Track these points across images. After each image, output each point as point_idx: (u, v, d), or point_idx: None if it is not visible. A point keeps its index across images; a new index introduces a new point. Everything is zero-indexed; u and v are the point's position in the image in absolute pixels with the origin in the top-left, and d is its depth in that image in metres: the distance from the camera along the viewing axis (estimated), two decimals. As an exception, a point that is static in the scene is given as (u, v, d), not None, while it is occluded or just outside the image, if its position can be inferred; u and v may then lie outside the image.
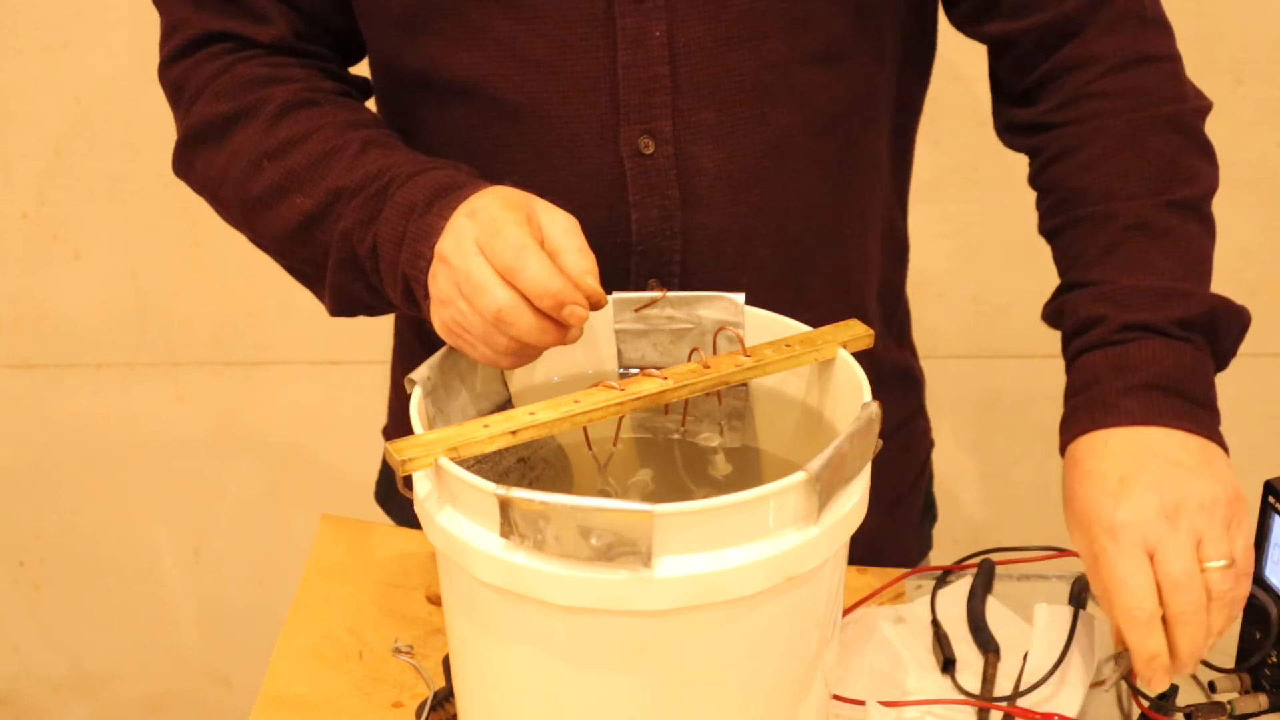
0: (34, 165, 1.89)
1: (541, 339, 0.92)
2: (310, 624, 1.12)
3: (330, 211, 1.02)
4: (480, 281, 0.91)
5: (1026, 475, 2.09)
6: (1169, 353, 1.01)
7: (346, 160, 1.03)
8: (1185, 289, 1.03)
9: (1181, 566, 0.93)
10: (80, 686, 2.22)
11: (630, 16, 1.03)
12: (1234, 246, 1.93)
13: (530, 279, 0.90)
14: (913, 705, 1.03)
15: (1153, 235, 1.04)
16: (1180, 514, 0.94)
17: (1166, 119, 1.08)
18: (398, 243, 0.98)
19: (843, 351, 0.97)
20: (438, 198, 0.97)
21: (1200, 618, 0.93)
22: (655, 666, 0.84)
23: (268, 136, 1.06)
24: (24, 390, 2.02)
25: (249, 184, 1.06)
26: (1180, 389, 1.00)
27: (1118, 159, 1.07)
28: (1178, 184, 1.06)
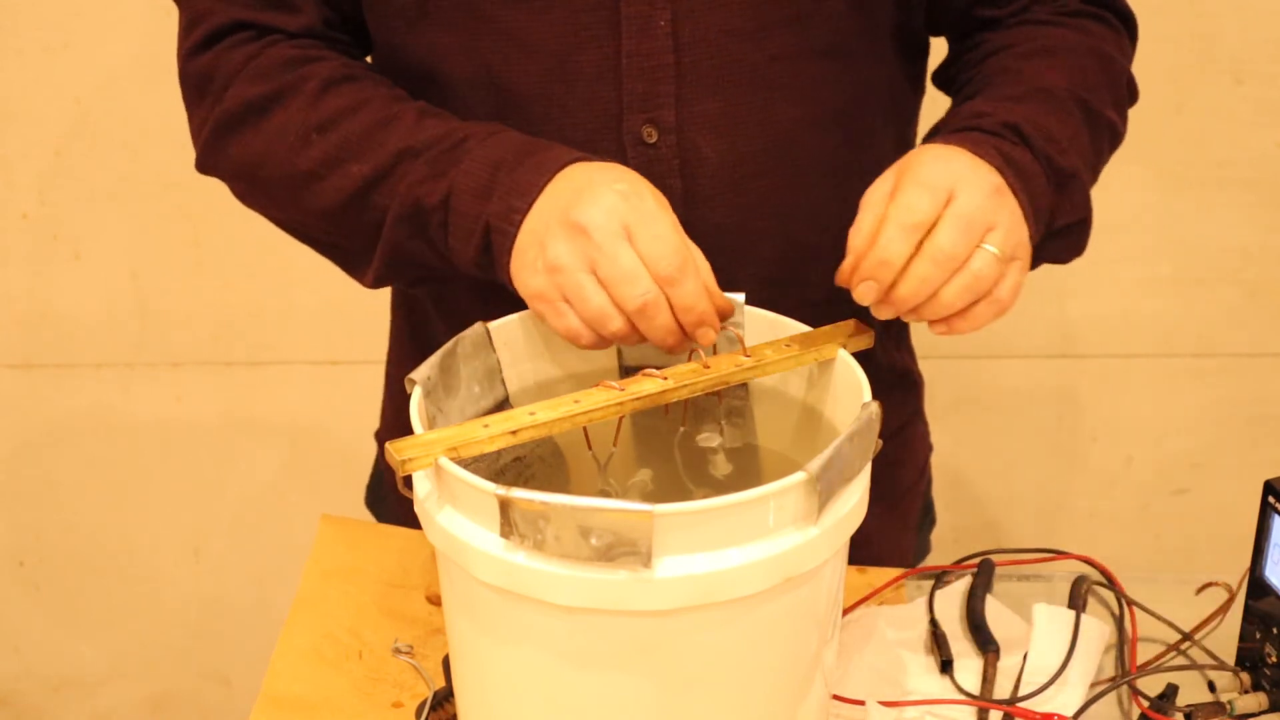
0: (34, 165, 1.89)
1: (665, 341, 0.93)
2: (310, 624, 1.12)
3: (393, 172, 1.02)
4: (631, 270, 0.91)
5: (1026, 475, 2.09)
6: (1030, 161, 1.02)
7: (406, 125, 1.03)
8: (1063, 144, 1.04)
9: (965, 218, 0.93)
10: (80, 686, 2.22)
11: (635, 5, 1.04)
12: (1234, 246, 1.94)
13: (686, 293, 0.91)
14: (912, 705, 1.03)
15: (1057, 105, 1.07)
16: (999, 195, 0.95)
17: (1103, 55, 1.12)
18: (483, 194, 0.98)
19: (843, 351, 0.97)
20: (528, 154, 0.98)
21: (941, 268, 0.93)
22: (655, 666, 0.84)
23: (313, 111, 1.05)
24: (24, 390, 2.02)
25: (297, 159, 1.05)
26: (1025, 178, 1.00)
27: (1049, 58, 1.10)
28: (1096, 99, 1.09)
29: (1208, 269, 1.95)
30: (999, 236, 0.94)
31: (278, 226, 1.12)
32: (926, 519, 1.39)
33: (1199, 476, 2.08)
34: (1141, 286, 1.96)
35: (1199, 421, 2.04)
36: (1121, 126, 1.15)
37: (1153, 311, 1.98)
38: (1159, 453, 2.07)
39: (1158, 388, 2.02)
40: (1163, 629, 1.11)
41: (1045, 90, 1.08)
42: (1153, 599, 1.12)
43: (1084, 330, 1.99)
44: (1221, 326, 1.99)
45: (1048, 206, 1.03)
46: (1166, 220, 1.92)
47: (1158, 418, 2.05)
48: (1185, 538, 2.11)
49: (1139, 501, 2.10)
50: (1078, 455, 2.08)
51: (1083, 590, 1.13)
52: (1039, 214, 1.01)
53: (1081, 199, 1.07)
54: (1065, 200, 1.05)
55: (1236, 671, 1.05)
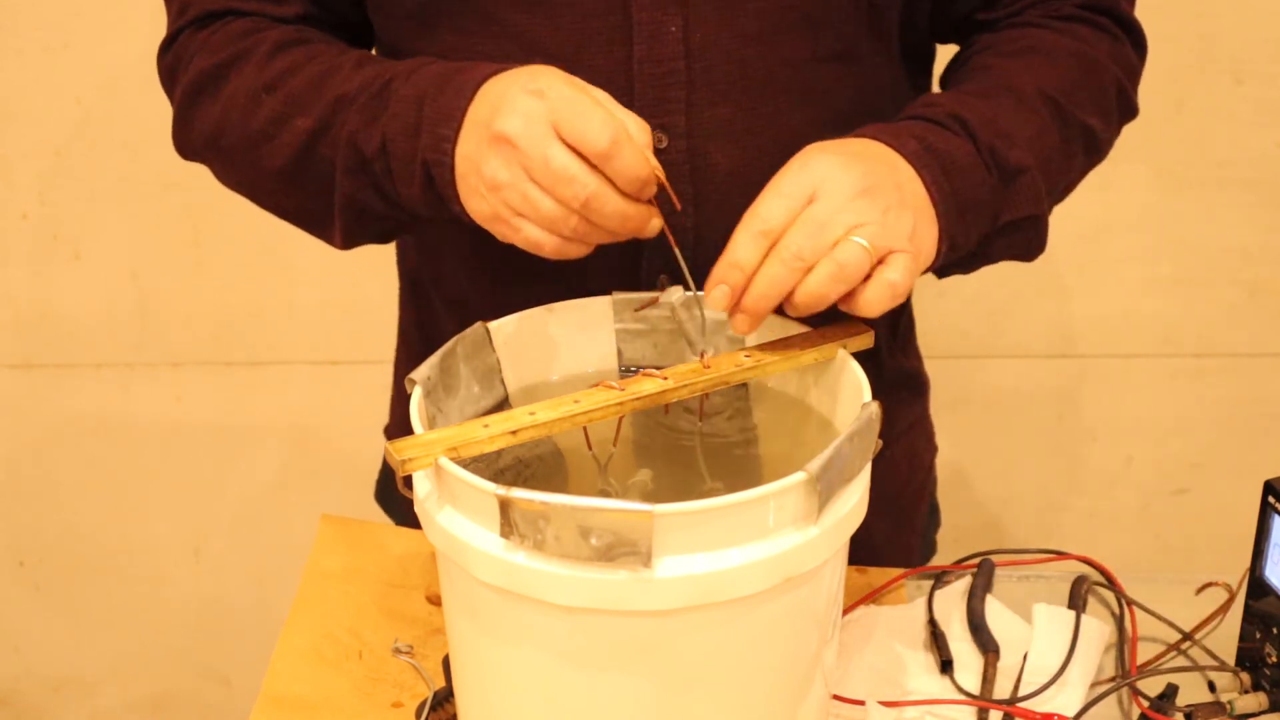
0: (34, 165, 1.89)
1: (624, 226, 0.92)
2: (310, 624, 1.12)
3: (333, 122, 1.01)
4: (564, 168, 0.90)
5: (1026, 475, 2.09)
6: (965, 151, 1.01)
7: (344, 74, 1.03)
8: (1016, 139, 1.03)
9: (817, 221, 0.91)
10: (80, 686, 2.22)
11: (647, 11, 1.04)
12: (1234, 246, 1.94)
13: (626, 165, 0.90)
14: (912, 705, 1.03)
15: (1020, 103, 1.06)
16: (868, 195, 0.93)
17: (1088, 58, 1.11)
18: (412, 133, 0.97)
19: (843, 351, 0.97)
20: (447, 81, 0.97)
21: (787, 267, 0.91)
22: (655, 666, 0.84)
23: (263, 72, 1.05)
24: (24, 390, 2.02)
25: (249, 120, 1.05)
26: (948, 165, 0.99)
27: (1029, 58, 1.09)
28: (1072, 102, 1.08)
29: (1208, 269, 1.95)
30: (868, 232, 0.92)
31: (254, 202, 1.12)
32: (932, 520, 1.39)
33: (1199, 476, 2.08)
34: (1141, 286, 1.96)
35: (1199, 421, 2.04)
36: (1104, 134, 1.13)
37: (1153, 311, 1.98)
38: (1159, 453, 2.07)
39: (1158, 388, 2.02)
40: (1163, 629, 1.11)
41: (1011, 88, 1.07)
42: (1153, 599, 1.12)
43: (1084, 330, 1.99)
44: (1221, 326, 1.99)
45: (988, 200, 1.02)
46: (1166, 220, 1.92)
47: (1158, 418, 2.05)
48: (1185, 538, 2.11)
49: (1139, 501, 2.10)
50: (1078, 455, 2.08)
51: (1083, 590, 1.13)
52: (967, 205, 1.00)
53: (1031, 195, 1.04)
54: (1012, 195, 1.03)
55: (1236, 671, 1.05)
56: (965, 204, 1.00)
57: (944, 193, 0.99)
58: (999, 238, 1.05)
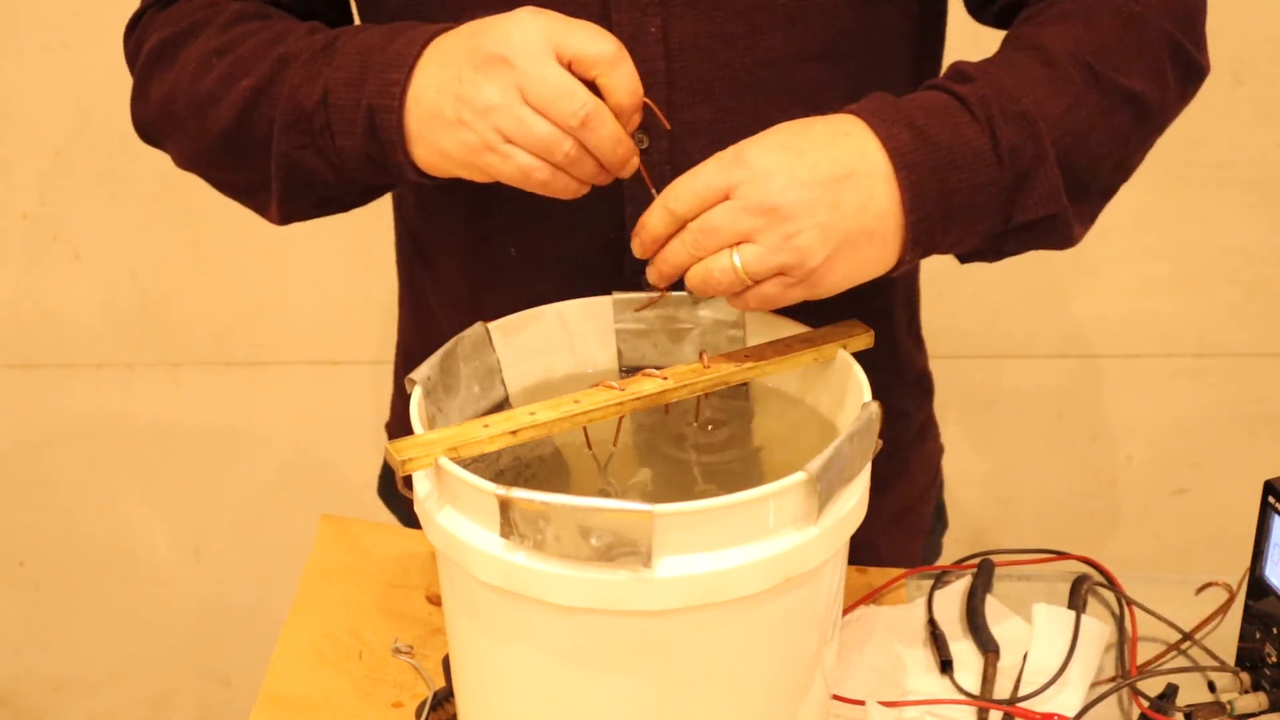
0: (34, 165, 1.89)
1: (615, 152, 0.92)
2: (310, 624, 1.12)
3: (275, 80, 1.00)
4: (564, 81, 0.89)
5: (1026, 475, 2.09)
6: (975, 143, 0.95)
7: (294, 38, 1.02)
8: (1033, 117, 0.96)
9: (724, 222, 0.90)
10: (80, 686, 2.22)
11: (625, 12, 1.03)
12: (1234, 246, 1.94)
13: (626, 77, 0.90)
14: (912, 705, 1.03)
15: (1048, 67, 0.99)
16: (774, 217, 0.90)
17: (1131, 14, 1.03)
18: (356, 82, 0.96)
19: (843, 351, 0.97)
20: (395, 36, 0.96)
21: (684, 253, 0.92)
22: (655, 666, 0.84)
23: (217, 39, 1.05)
24: (24, 390, 2.02)
25: (198, 84, 1.04)
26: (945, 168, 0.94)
27: (1065, 24, 1.02)
28: (1112, 64, 1.01)
29: (1208, 269, 1.95)
30: (751, 251, 0.90)
31: (203, 178, 1.12)
32: (939, 522, 1.39)
33: (1199, 476, 2.08)
34: (1141, 286, 1.96)
35: (1199, 421, 2.04)
36: (1155, 95, 1.03)
37: (1153, 311, 1.98)
38: (1159, 453, 2.07)
39: (1158, 388, 2.02)
40: (1163, 629, 1.11)
41: (1045, 54, 0.99)
42: (1153, 599, 1.12)
43: (1084, 330, 1.99)
44: (1221, 326, 1.99)
45: (993, 201, 0.96)
46: (1166, 220, 1.92)
47: (1158, 418, 2.05)
48: (1185, 538, 2.12)
49: (1139, 501, 2.10)
50: (1078, 455, 2.08)
51: (1083, 590, 1.13)
52: (963, 208, 0.95)
53: (1047, 193, 0.97)
54: (1026, 194, 0.97)
55: (1236, 672, 1.05)
56: (958, 206, 0.94)
57: (922, 197, 0.93)
58: (1012, 236, 0.99)
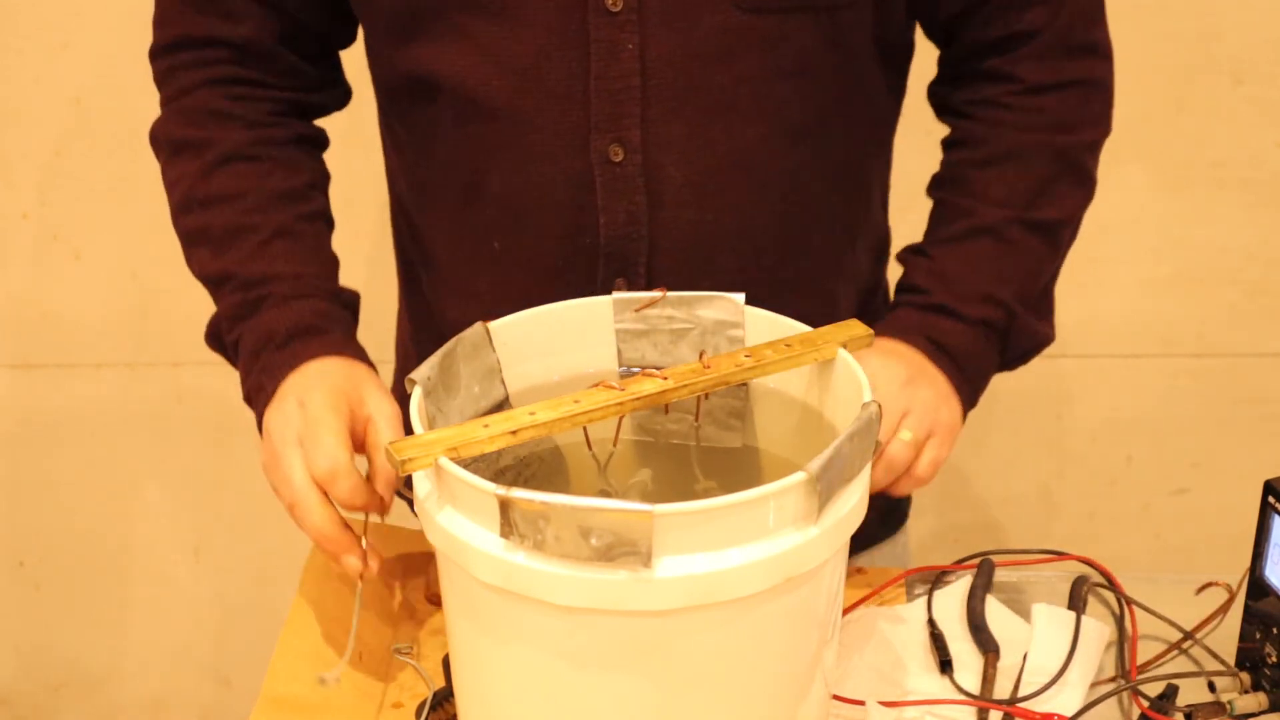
0: (34, 165, 1.89)
1: (320, 540, 1.00)
2: (310, 624, 1.11)
3: (220, 286, 1.14)
4: (285, 475, 1.00)
5: (1026, 475, 2.09)
6: (963, 333, 1.16)
7: (249, 248, 1.12)
8: (1000, 298, 1.16)
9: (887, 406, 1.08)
10: (80, 686, 2.22)
11: (603, 30, 1.05)
12: (1234, 246, 1.93)
13: (341, 491, 0.99)
14: (912, 705, 1.03)
15: (996, 242, 1.16)
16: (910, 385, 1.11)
17: (1055, 148, 1.17)
18: (249, 366, 1.10)
19: (843, 351, 0.97)
20: (294, 338, 1.08)
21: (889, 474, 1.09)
22: (655, 666, 0.84)
23: (201, 183, 1.15)
24: (24, 390, 2.02)
25: (179, 217, 1.17)
26: (956, 355, 1.16)
27: (1000, 167, 1.17)
28: (1042, 205, 1.17)
29: (1208, 269, 1.95)
30: (911, 421, 1.10)
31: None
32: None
33: (1199, 476, 2.08)
34: (1141, 286, 1.96)
35: (1199, 421, 2.04)
36: (1084, 204, 1.21)
37: (1153, 311, 1.98)
38: (1159, 453, 2.07)
39: (1158, 388, 2.02)
40: (1163, 629, 1.11)
41: (985, 228, 1.16)
42: (1153, 599, 1.12)
43: (1084, 330, 1.99)
44: (1221, 326, 1.99)
45: (992, 360, 1.18)
46: (1166, 220, 1.92)
47: (1158, 418, 2.04)
48: (1185, 538, 2.11)
49: (1139, 501, 2.10)
50: (1078, 455, 2.08)
51: (1083, 590, 1.13)
52: (978, 376, 1.18)
53: (1025, 335, 1.19)
54: (1011, 346, 1.19)
55: (1236, 672, 1.05)
56: (974, 375, 1.17)
57: (959, 378, 1.15)
58: (1006, 366, 1.22)
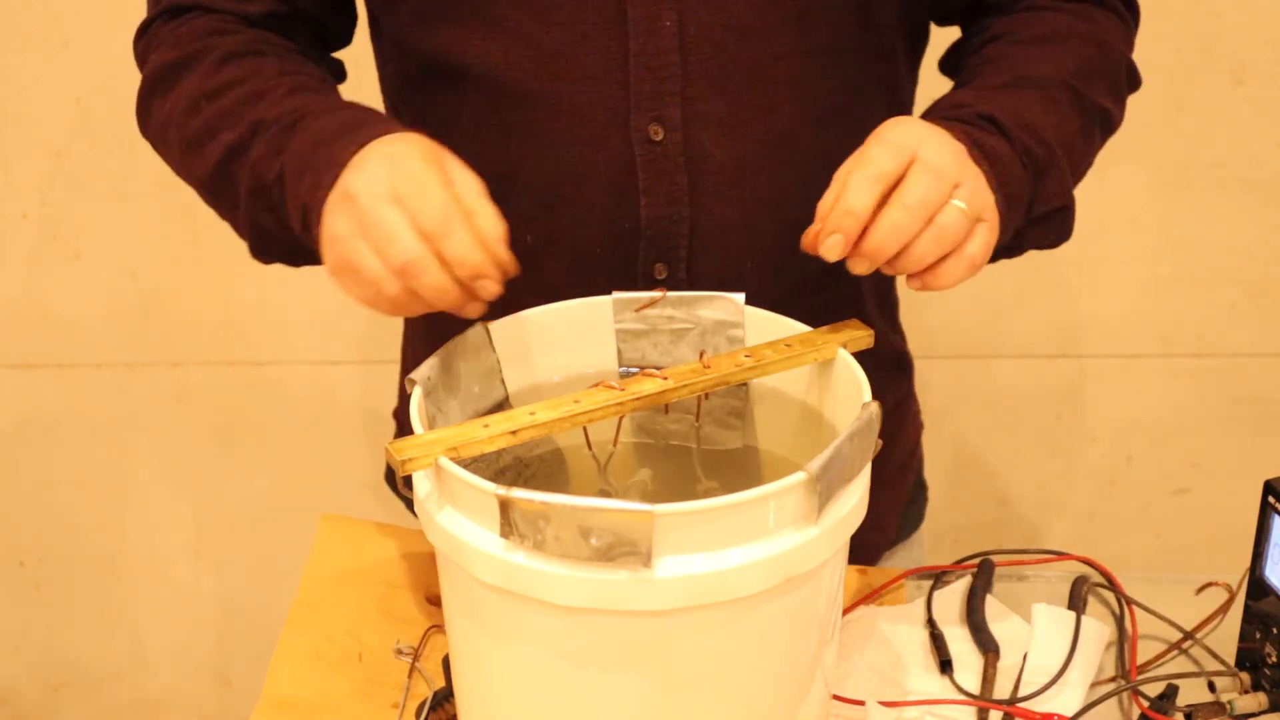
0: (34, 165, 1.89)
1: (440, 300, 0.92)
2: (310, 625, 1.12)
3: (247, 144, 1.03)
4: (391, 229, 0.91)
5: (1026, 475, 2.09)
6: (1006, 150, 1.03)
7: (273, 99, 1.04)
8: (1043, 135, 1.05)
9: (933, 169, 0.93)
10: (80, 686, 2.22)
11: (641, 6, 1.04)
12: (1234, 246, 1.94)
13: (455, 246, 0.91)
14: (912, 705, 1.03)
15: (1042, 94, 1.08)
16: (963, 155, 0.96)
17: (1099, 40, 1.13)
18: (302, 171, 0.99)
19: (843, 351, 0.97)
20: (346, 131, 0.98)
21: (912, 214, 0.92)
22: (655, 666, 0.84)
23: (208, 80, 1.07)
24: (24, 390, 2.02)
25: (187, 125, 1.07)
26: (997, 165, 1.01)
27: (1043, 46, 1.11)
28: (1087, 85, 1.10)
29: (1208, 269, 1.95)
30: (965, 193, 0.94)
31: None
32: (920, 495, 1.39)
33: (1199, 476, 2.08)
34: (1141, 286, 1.96)
35: (1199, 421, 2.04)
36: (1117, 113, 1.15)
37: (1153, 311, 1.98)
38: (1159, 453, 2.07)
39: (1158, 388, 2.02)
40: (1163, 629, 1.11)
41: (1032, 78, 1.09)
42: (1153, 599, 1.12)
43: (1084, 330, 1.99)
44: (1221, 326, 1.99)
45: (1024, 194, 1.04)
46: (1166, 220, 1.92)
47: (1158, 418, 2.04)
48: (1185, 538, 2.11)
49: (1139, 501, 2.10)
50: (1078, 455, 2.08)
51: (1083, 590, 1.13)
52: (1012, 200, 1.02)
53: (1060, 187, 1.07)
54: (1043, 188, 1.06)
55: (1236, 672, 1.05)
56: (1010, 196, 1.02)
57: (996, 183, 1.00)
58: (1030, 229, 1.07)
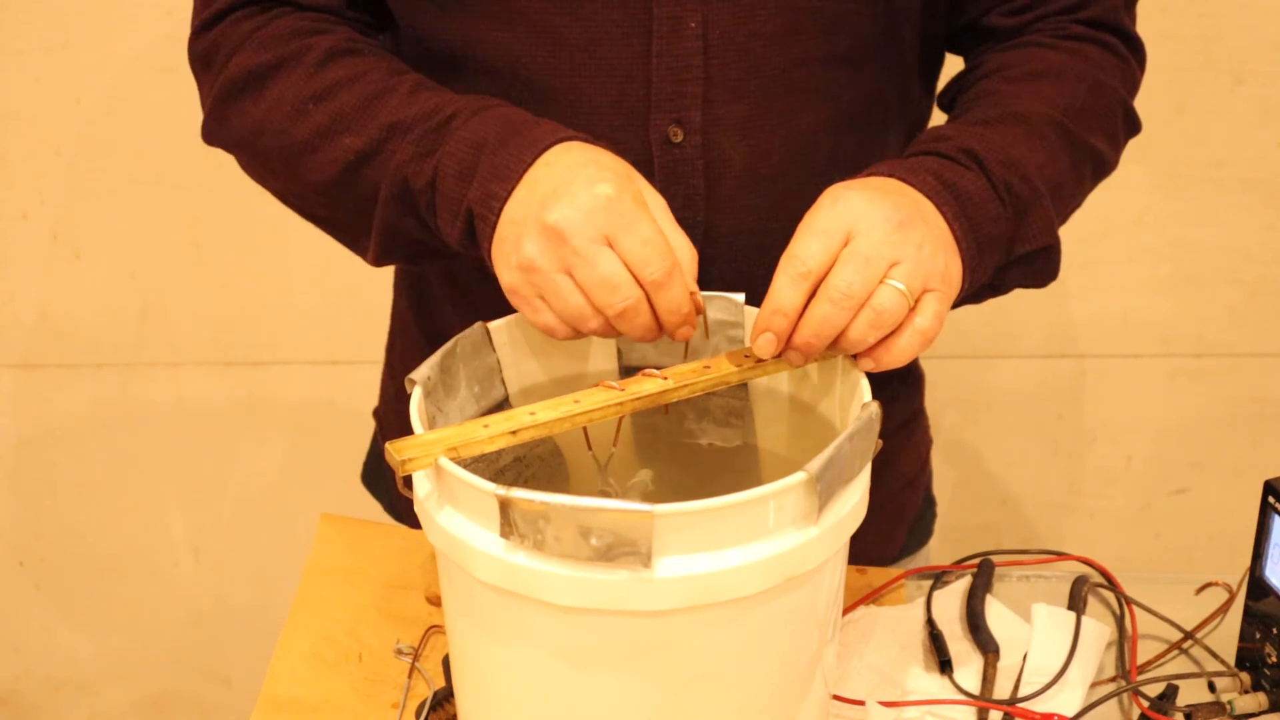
0: (34, 165, 1.89)
1: (643, 338, 0.92)
2: (310, 625, 1.12)
3: (383, 148, 1.01)
4: (611, 278, 0.89)
5: (1026, 475, 2.09)
6: (982, 187, 1.00)
7: (399, 98, 1.02)
8: (1027, 172, 1.02)
9: (862, 256, 0.90)
10: (80, 686, 2.22)
11: (666, 6, 1.04)
12: (1234, 246, 1.94)
13: (672, 297, 0.90)
14: (912, 705, 1.03)
15: (1030, 131, 1.05)
16: (903, 229, 0.92)
17: (1094, 79, 1.10)
18: (465, 176, 0.97)
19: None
20: (511, 135, 0.97)
21: (838, 307, 0.90)
22: (655, 666, 0.84)
23: (312, 81, 1.04)
24: (24, 390, 2.02)
25: (293, 129, 1.04)
26: (967, 203, 0.99)
27: (1036, 83, 1.09)
28: (1078, 122, 1.08)
29: (1208, 269, 1.95)
30: (904, 270, 0.91)
31: (280, 200, 1.12)
32: (929, 510, 1.39)
33: (1199, 476, 2.08)
34: (1141, 286, 1.96)
35: (1199, 421, 2.04)
36: (1111, 155, 1.13)
37: (1153, 311, 1.98)
38: (1159, 453, 2.07)
39: (1158, 388, 2.02)
40: (1163, 629, 1.11)
41: (1020, 114, 1.06)
42: (1153, 599, 1.12)
43: (1084, 330, 1.99)
44: (1221, 326, 1.99)
45: (1003, 232, 1.01)
46: (1166, 220, 1.92)
47: (1158, 418, 2.05)
48: (1185, 538, 2.11)
49: (1139, 501, 2.10)
50: (1078, 455, 2.08)
51: (1083, 590, 1.13)
52: (988, 240, 1.00)
53: (1043, 226, 1.04)
54: (1025, 227, 1.03)
55: (1236, 672, 1.05)
56: (983, 239, 0.99)
57: (964, 228, 0.98)
58: (1013, 268, 1.04)
